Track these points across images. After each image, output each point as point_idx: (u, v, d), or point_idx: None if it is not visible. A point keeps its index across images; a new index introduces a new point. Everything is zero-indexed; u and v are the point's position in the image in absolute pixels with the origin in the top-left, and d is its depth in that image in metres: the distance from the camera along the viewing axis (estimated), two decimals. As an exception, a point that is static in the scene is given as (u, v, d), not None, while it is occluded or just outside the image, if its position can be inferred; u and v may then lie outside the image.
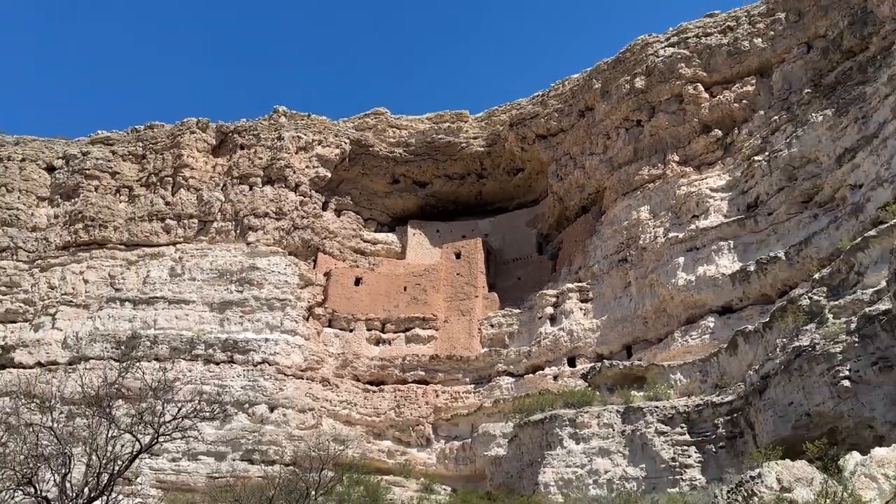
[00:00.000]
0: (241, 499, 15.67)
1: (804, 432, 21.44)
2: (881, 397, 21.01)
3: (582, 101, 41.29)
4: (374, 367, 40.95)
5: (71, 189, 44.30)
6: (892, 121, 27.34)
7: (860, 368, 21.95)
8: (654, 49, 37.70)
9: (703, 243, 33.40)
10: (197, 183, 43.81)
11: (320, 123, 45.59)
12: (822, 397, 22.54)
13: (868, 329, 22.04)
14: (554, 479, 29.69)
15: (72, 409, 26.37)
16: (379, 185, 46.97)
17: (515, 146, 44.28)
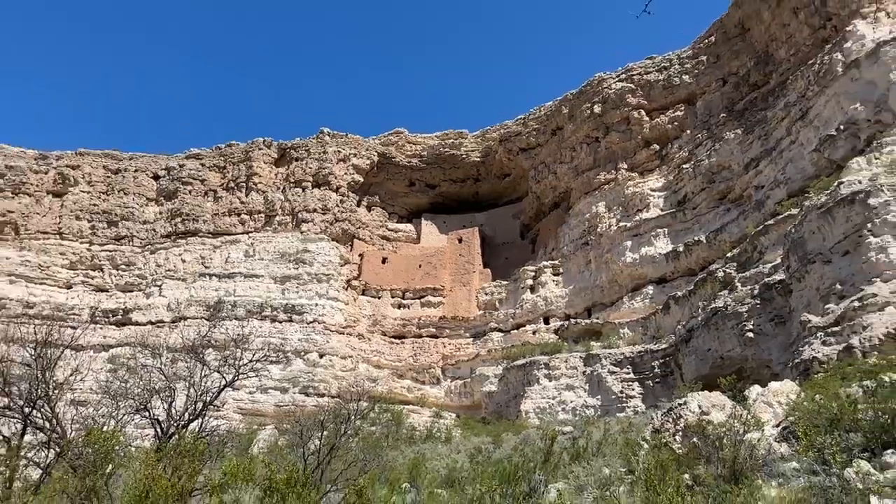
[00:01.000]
0: (300, 422, 16.03)
1: (718, 371, 21.80)
2: (776, 345, 21.35)
3: (554, 123, 41.37)
4: (396, 325, 41.35)
5: (171, 192, 44.61)
6: (785, 137, 27.47)
7: (761, 323, 22.30)
8: (608, 83, 37.71)
9: (645, 230, 33.61)
10: (264, 187, 44.06)
11: (355, 141, 45.65)
12: (732, 345, 22.91)
13: (767, 294, 22.37)
14: (532, 407, 30.13)
15: (174, 355, 26.62)
16: (399, 187, 47.08)
17: (504, 157, 44.34)
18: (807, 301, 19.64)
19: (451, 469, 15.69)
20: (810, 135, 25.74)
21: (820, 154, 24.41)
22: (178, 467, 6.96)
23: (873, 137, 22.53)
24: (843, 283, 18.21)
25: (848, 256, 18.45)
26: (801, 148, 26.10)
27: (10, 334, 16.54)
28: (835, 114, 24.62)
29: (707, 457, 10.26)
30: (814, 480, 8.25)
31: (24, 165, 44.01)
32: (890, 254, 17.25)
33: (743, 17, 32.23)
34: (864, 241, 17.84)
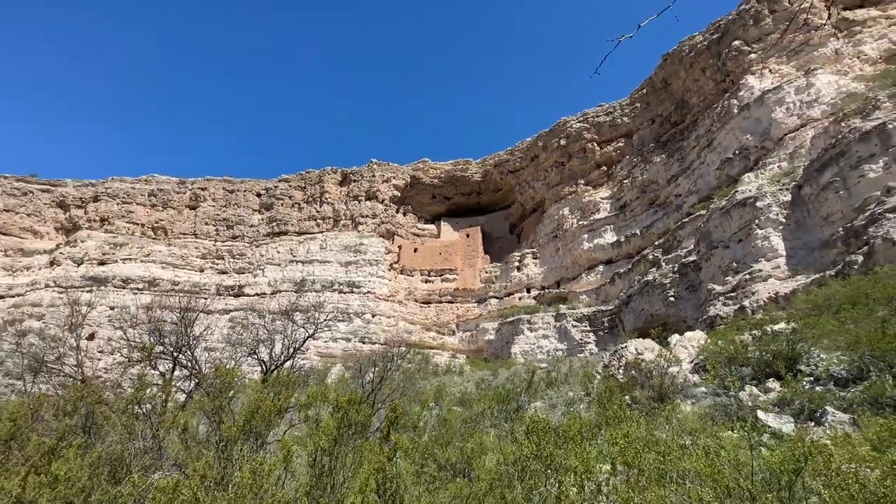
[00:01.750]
0: (359, 361, 16.15)
1: (649, 324, 21.60)
2: (690, 306, 21.09)
3: (532, 152, 40.91)
4: (424, 294, 41.38)
5: (269, 205, 44.98)
6: (696, 160, 26.97)
7: (679, 291, 21.99)
8: (570, 124, 37.16)
9: (597, 227, 33.25)
10: (332, 200, 44.24)
11: (394, 168, 45.53)
12: (658, 306, 22.66)
13: (683, 270, 22.07)
14: (519, 350, 30.14)
15: (273, 316, 27.19)
16: (425, 199, 46.96)
17: (497, 177, 43.99)
18: (712, 275, 19.41)
19: (463, 393, 15.78)
20: (714, 158, 25.29)
21: (721, 171, 23.98)
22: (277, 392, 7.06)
23: (759, 159, 22.09)
24: (738, 262, 17.98)
25: (741, 243, 18.18)
26: (707, 167, 25.66)
27: (163, 303, 16.84)
28: (732, 142, 24.16)
29: (641, 384, 10.22)
30: (717, 400, 8.18)
31: (169, 188, 44.69)
32: (771, 241, 16.98)
33: (665, 75, 31.59)
34: (752, 232, 17.58)
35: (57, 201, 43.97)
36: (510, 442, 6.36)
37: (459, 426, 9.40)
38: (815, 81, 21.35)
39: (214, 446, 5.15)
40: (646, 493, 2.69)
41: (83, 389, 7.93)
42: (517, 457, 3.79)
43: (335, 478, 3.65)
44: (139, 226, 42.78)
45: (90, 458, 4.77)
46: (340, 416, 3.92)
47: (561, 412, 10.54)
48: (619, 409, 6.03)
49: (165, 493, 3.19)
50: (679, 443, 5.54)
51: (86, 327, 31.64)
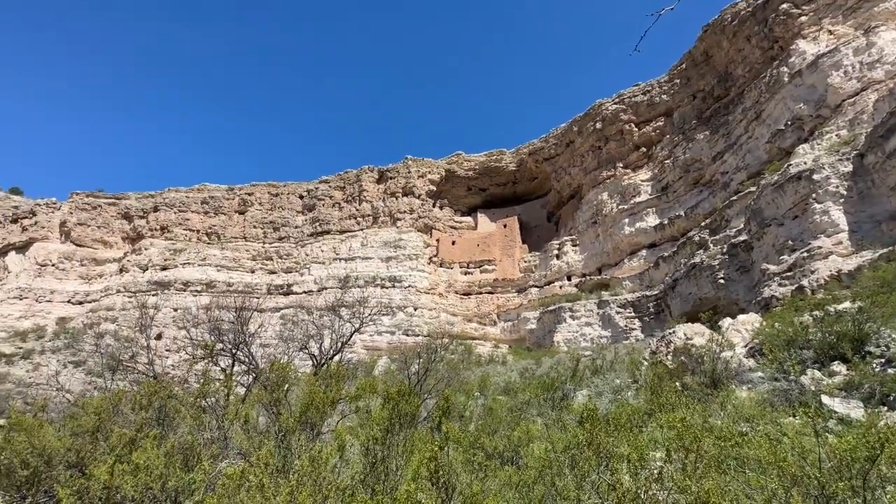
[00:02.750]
0: (404, 353, 16.44)
1: (698, 308, 20.77)
2: (742, 288, 20.09)
3: (567, 138, 39.82)
4: (464, 286, 41.40)
5: (311, 206, 46.28)
6: (744, 134, 25.43)
7: (729, 273, 21.01)
8: (605, 106, 35.84)
9: (638, 210, 32.10)
10: (370, 198, 44.96)
11: (429, 163, 45.64)
12: (707, 289, 21.70)
13: (733, 251, 21.05)
14: (562, 338, 29.69)
15: (321, 312, 28.07)
16: (461, 192, 46.82)
17: (532, 165, 43.21)
18: (765, 254, 18.34)
19: (507, 382, 15.73)
20: (763, 131, 23.72)
21: (772, 144, 22.48)
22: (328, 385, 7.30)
23: (815, 128, 20.53)
24: (794, 240, 16.89)
25: (797, 220, 17.05)
26: (756, 141, 24.12)
27: (220, 304, 17.74)
28: (783, 113, 22.55)
29: (692, 370, 9.82)
30: (775, 385, 7.74)
31: (219, 195, 46.94)
32: (831, 215, 15.81)
33: (706, 47, 29.79)
34: (809, 207, 16.43)
35: (122, 213, 47.23)
36: (558, 430, 6.29)
37: (505, 415, 9.39)
38: (877, 40, 19.50)
39: (274, 436, 5.41)
40: (704, 481, 2.59)
41: (156, 385, 8.52)
42: (566, 444, 3.75)
43: (388, 466, 3.75)
44: (195, 232, 45.25)
45: (165, 447, 5.12)
46: (391, 407, 4.02)
47: (608, 400, 10.31)
48: (672, 393, 5.82)
49: (234, 479, 3.39)
50: (736, 429, 5.29)
51: (154, 328, 33.95)
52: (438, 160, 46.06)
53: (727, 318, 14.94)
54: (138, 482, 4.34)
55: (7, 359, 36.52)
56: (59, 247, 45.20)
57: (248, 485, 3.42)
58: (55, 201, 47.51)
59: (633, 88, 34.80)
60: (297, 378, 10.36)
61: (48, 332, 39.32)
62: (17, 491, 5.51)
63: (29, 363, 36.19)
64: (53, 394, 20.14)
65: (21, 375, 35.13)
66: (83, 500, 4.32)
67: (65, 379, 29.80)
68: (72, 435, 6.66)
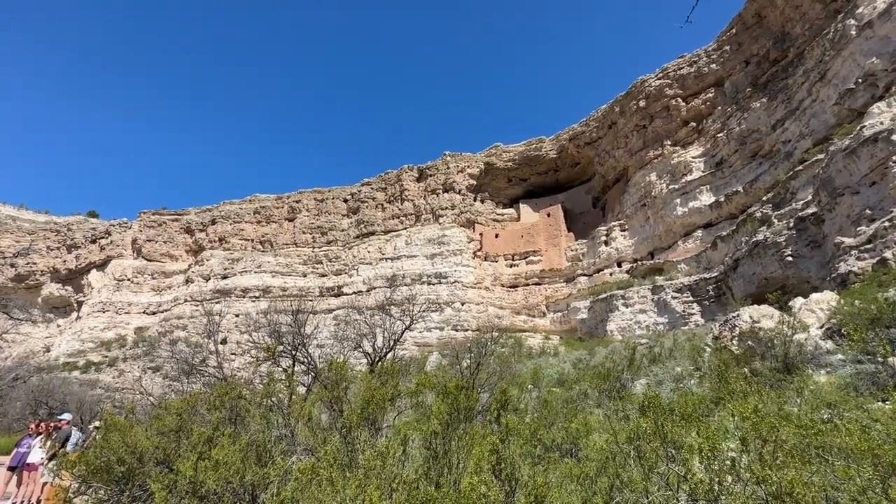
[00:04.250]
0: (454, 348, 16.53)
1: (764, 289, 19.49)
2: (814, 265, 18.66)
3: (609, 120, 38.38)
4: (510, 278, 41.04)
5: (356, 209, 47.54)
6: (807, 98, 23.43)
7: (798, 249, 19.58)
8: (649, 82, 34.16)
9: (690, 189, 30.43)
10: (412, 197, 45.54)
11: (467, 157, 45.56)
12: (773, 268, 20.31)
13: (801, 225, 19.57)
14: (615, 327, 28.84)
15: (372, 312, 28.85)
16: (501, 184, 46.36)
17: (573, 151, 42.01)
18: (839, 226, 16.86)
19: (560, 374, 15.48)
20: (830, 92, 21.72)
21: (841, 106, 20.55)
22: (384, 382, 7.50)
23: (891, 84, 18.57)
24: (873, 209, 15.41)
25: (875, 186, 15.54)
26: (821, 104, 22.13)
27: (277, 307, 18.63)
28: (852, 70, 20.54)
29: (762, 354, 9.23)
30: (859, 368, 7.13)
31: (269, 205, 49.23)
32: (917, 179, 14.27)
33: (758, 7, 27.63)
34: (889, 172, 14.93)
35: (184, 228, 50.65)
36: (618, 420, 6.12)
37: (561, 407, 9.25)
38: (963, -23, 17.32)
39: (338, 432, 5.64)
40: (786, 471, 2.44)
41: (226, 387, 9.11)
42: (629, 435, 3.65)
43: (450, 459, 3.81)
44: (249, 241, 47.77)
45: (240, 444, 5.47)
46: (450, 402, 4.08)
47: (669, 388, 9.90)
48: (741, 381, 5.51)
49: (305, 473, 3.57)
50: (817, 416, 4.93)
51: (219, 333, 36.24)
52: (477, 154, 45.86)
53: (798, 298, 13.89)
54: (219, 477, 4.67)
55: (96, 367, 40.30)
56: (133, 262, 49.19)
57: (319, 479, 3.60)
58: (126, 221, 51.72)
59: (679, 60, 32.94)
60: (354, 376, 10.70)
61: (128, 341, 42.97)
62: (116, 485, 6.10)
63: (114, 370, 39.75)
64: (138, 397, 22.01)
65: (108, 381, 38.66)
66: (172, 493, 4.71)
67: (146, 383, 32.48)
68: (158, 434, 7.27)
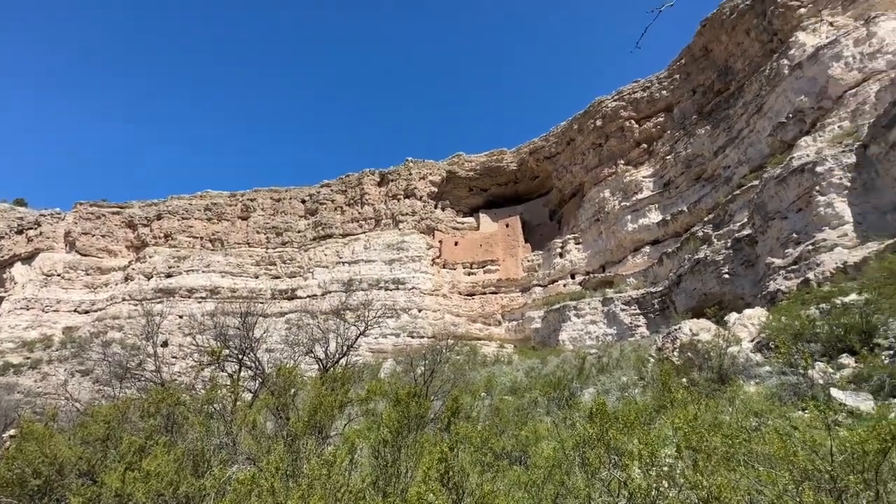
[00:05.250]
0: (409, 355, 16.34)
1: (703, 304, 20.72)
2: (747, 282, 20.04)
3: (567, 136, 39.75)
4: (468, 287, 41.24)
5: (314, 210, 46.34)
6: (745, 128, 25.35)
7: (734, 267, 20.94)
8: (605, 103, 35.76)
9: (640, 207, 32.02)
10: (372, 201, 44.99)
11: (430, 164, 45.66)
12: (712, 285, 21.62)
13: (737, 246, 21.00)
14: (567, 337, 29.64)
15: (326, 316, 28.12)
16: (462, 193, 46.73)
17: (533, 164, 43.14)
18: (769, 248, 18.28)
19: (513, 382, 15.71)
20: (765, 124, 23.65)
21: (774, 137, 22.41)
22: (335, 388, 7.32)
23: (817, 120, 20.46)
24: (798, 233, 16.82)
25: (801, 213, 16.99)
26: (758, 135, 24.05)
27: (225, 310, 17.80)
28: (784, 106, 22.49)
29: (699, 366, 9.79)
30: (784, 379, 7.72)
31: (222, 202, 47.14)
32: (835, 207, 15.76)
33: (705, 41, 29.71)
34: (813, 200, 16.37)
35: (126, 222, 47.49)
36: (566, 428, 6.29)
37: (512, 415, 9.38)
38: (877, 30, 19.42)
39: (283, 440, 5.43)
40: (715, 477, 2.59)
41: (163, 392, 8.56)
42: (577, 441, 3.75)
43: (398, 468, 3.76)
44: (198, 239, 45.44)
45: (175, 454, 5.15)
46: (402, 409, 4.03)
47: (615, 397, 10.29)
48: (682, 391, 5.81)
49: (245, 484, 3.41)
50: (746, 424, 5.27)
51: (159, 335, 34.09)
52: (439, 161, 46.09)
53: (733, 313, 14.88)
54: (150, 489, 4.36)
55: (15, 369, 36.74)
56: (65, 256, 45.47)
57: (259, 489, 3.44)
58: (59, 212, 47.82)
59: (633, 85, 34.73)
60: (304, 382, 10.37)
61: (55, 341, 39.54)
62: (30, 500, 5.55)
63: (37, 373, 36.40)
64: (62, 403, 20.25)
65: (29, 385, 35.34)
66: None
67: (73, 388, 29.94)
68: (82, 443, 6.70)
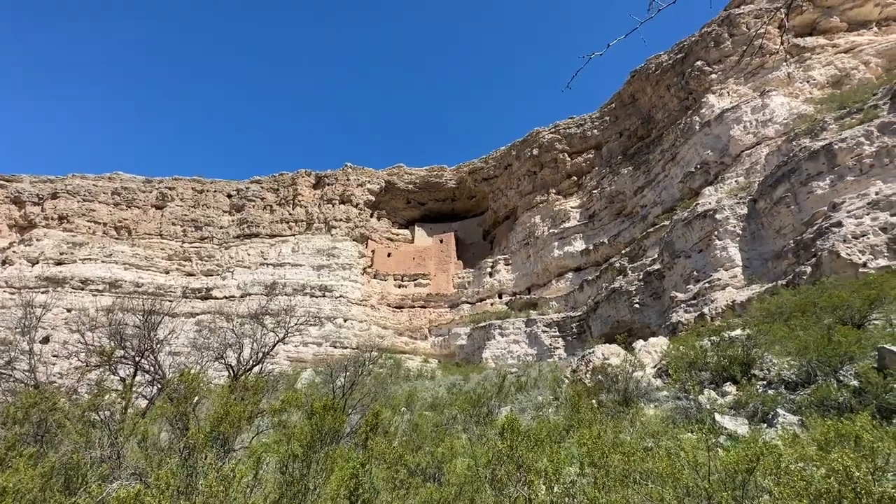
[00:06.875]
0: (330, 366, 15.71)
1: (615, 330, 22.05)
2: (654, 313, 21.64)
3: (506, 161, 41.35)
4: (397, 299, 41.04)
5: (240, 206, 43.79)
6: (661, 173, 27.89)
7: (644, 298, 22.53)
8: (542, 134, 37.86)
9: (567, 235, 33.91)
10: (305, 203, 43.48)
11: (369, 172, 45.20)
12: (624, 313, 23.17)
13: (648, 279, 22.64)
14: (490, 355, 30.25)
15: (242, 320, 26.44)
16: (399, 204, 46.73)
17: (472, 184, 44.26)
18: (674, 283, 20.04)
19: (434, 398, 15.71)
20: (678, 171, 26.24)
21: (684, 184, 24.90)
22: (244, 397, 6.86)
23: (719, 173, 23.05)
24: (698, 271, 18.63)
25: (702, 253, 18.86)
26: (671, 180, 26.61)
27: (125, 306, 16.10)
28: (694, 157, 25.15)
29: (608, 388, 10.42)
30: (678, 404, 8.44)
31: (134, 187, 42.93)
32: (729, 251, 17.70)
33: (633, 90, 32.67)
34: (712, 243, 18.28)
35: (11, 197, 41.50)
36: (481, 445, 6.39)
37: (430, 431, 9.36)
38: (770, 102, 22.57)
39: (178, 454, 4.96)
40: (611, 494, 2.77)
41: (35, 396, 7.50)
42: (488, 458, 3.82)
43: (306, 485, 3.58)
44: (101, 225, 40.83)
45: (42, 468, 4.51)
46: (316, 422, 3.86)
47: (530, 416, 10.64)
48: (589, 412, 6.16)
49: (126, 502, 3.05)
50: (643, 445, 5.70)
51: (40, 330, 29.88)
52: (379, 171, 45.74)
53: (640, 341, 16.06)
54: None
55: None
56: (-76, 231, 38.61)
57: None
58: (-77, 177, 40.69)
59: (568, 121, 37.11)
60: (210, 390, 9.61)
61: None
62: None
63: None
64: None
65: None
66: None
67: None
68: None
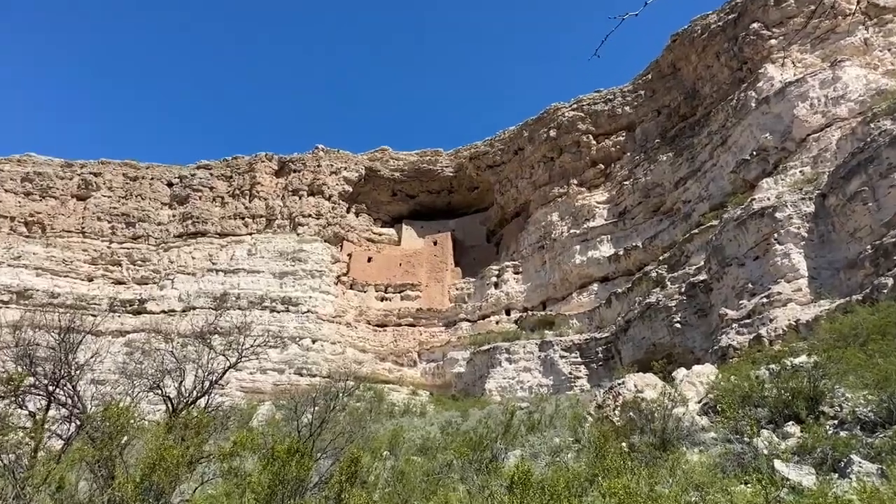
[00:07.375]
0: (294, 398, 15.58)
1: (651, 356, 22.03)
2: (699, 334, 21.73)
3: (516, 144, 41.53)
4: (379, 315, 40.93)
5: (183, 198, 43.61)
6: (708, 160, 28.09)
7: (686, 316, 22.63)
8: (562, 112, 38.05)
9: (592, 237, 34.05)
10: (265, 194, 43.38)
11: (345, 156, 45.23)
12: (662, 334, 23.24)
13: (692, 291, 22.74)
14: (495, 386, 30.24)
15: (184, 340, 26.11)
16: (383, 197, 46.72)
17: (473, 173, 44.39)
18: (724, 297, 20.11)
19: (425, 439, 15.67)
20: (728, 158, 26.41)
21: (736, 175, 25.06)
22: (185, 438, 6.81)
23: (780, 162, 23.22)
24: (754, 283, 18.71)
25: (758, 261, 18.96)
26: (720, 169, 26.77)
27: (37, 321, 15.94)
28: (749, 141, 25.32)
29: (641, 428, 10.40)
30: (728, 448, 8.44)
31: (50, 172, 42.69)
32: (792, 259, 17.79)
33: (674, 59, 32.92)
34: (771, 248, 18.37)
35: None
36: (484, 500, 6.36)
37: (420, 481, 9.32)
38: (843, 75, 22.78)
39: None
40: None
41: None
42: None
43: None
44: (7, 219, 40.55)
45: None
46: (275, 470, 3.81)
47: (545, 462, 10.61)
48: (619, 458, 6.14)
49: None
50: (685, 499, 5.69)
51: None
52: (358, 154, 45.89)
53: (682, 369, 16.06)
54: None
55: None
56: None
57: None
58: None
59: (594, 95, 37.35)
60: (143, 428, 9.51)
61: None
62: None
63: None
64: None
65: None
66: None
67: None
68: None
